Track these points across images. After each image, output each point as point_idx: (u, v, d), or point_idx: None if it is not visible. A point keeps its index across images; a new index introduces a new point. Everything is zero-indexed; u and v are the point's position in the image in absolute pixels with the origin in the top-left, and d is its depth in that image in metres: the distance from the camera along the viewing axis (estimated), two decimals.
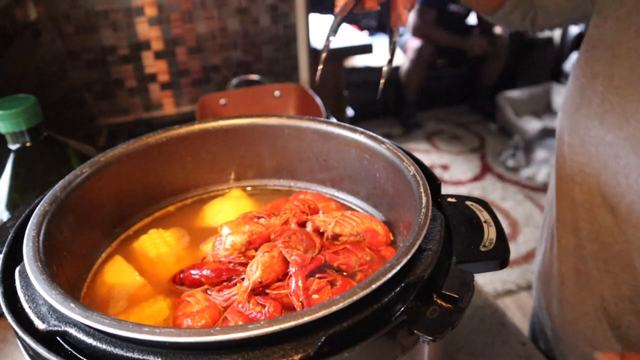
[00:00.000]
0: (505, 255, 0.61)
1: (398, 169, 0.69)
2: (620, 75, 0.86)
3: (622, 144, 0.85)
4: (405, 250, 0.52)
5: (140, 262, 0.73)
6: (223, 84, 1.92)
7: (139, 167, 0.79)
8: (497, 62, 4.51)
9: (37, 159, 0.94)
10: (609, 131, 0.87)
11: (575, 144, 0.95)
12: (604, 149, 0.88)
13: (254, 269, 0.62)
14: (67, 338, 0.51)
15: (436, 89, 4.79)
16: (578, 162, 0.95)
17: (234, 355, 0.46)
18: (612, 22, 0.89)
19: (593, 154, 0.91)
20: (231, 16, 1.84)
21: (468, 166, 4.01)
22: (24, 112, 0.89)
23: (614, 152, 0.87)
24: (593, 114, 0.90)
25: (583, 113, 0.92)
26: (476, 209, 0.67)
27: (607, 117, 0.87)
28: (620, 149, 0.86)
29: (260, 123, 0.83)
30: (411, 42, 4.36)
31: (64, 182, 0.68)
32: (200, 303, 0.61)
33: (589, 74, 0.92)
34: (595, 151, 0.90)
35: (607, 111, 0.87)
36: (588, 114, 0.91)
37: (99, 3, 1.70)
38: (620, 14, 0.87)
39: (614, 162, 0.87)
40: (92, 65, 1.77)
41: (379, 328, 0.49)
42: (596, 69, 0.91)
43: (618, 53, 0.87)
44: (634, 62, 0.84)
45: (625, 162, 0.85)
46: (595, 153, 0.90)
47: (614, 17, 0.88)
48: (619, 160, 0.86)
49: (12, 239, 0.62)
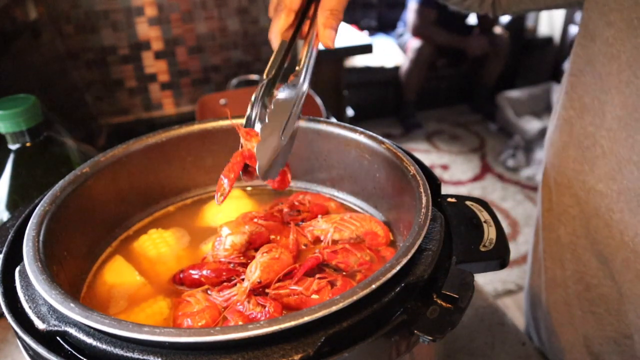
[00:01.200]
0: (505, 255, 0.61)
1: (398, 169, 0.69)
2: (612, 116, 0.76)
3: (616, 198, 0.77)
4: (405, 250, 0.52)
5: (140, 262, 0.73)
6: (223, 84, 1.92)
7: (139, 167, 0.79)
8: (497, 62, 4.51)
9: (37, 159, 0.94)
10: (601, 180, 0.79)
11: (563, 184, 0.88)
12: (594, 198, 0.81)
13: (253, 270, 0.63)
14: (67, 338, 0.51)
15: (436, 89, 4.79)
16: (564, 203, 0.88)
17: (234, 355, 0.46)
18: (600, 45, 0.78)
19: (582, 200, 0.84)
20: (231, 16, 1.84)
21: (468, 166, 4.01)
22: (24, 112, 0.89)
23: (606, 204, 0.79)
24: (582, 157, 0.82)
25: (572, 155, 0.85)
26: (476, 209, 0.67)
27: (598, 164, 0.79)
28: (613, 202, 0.78)
29: None
30: (411, 42, 4.36)
31: (64, 182, 0.68)
32: (201, 303, 0.61)
33: (577, 106, 0.83)
34: (585, 197, 0.83)
35: (598, 157, 0.79)
36: (577, 157, 0.83)
37: (99, 3, 1.70)
38: (609, 37, 0.76)
39: (607, 214, 0.80)
40: (92, 65, 1.78)
41: (379, 328, 0.49)
42: (585, 101, 0.81)
43: (608, 86, 0.77)
44: (625, 99, 0.74)
45: (620, 217, 0.78)
46: (585, 199, 0.83)
47: (603, 39, 0.77)
48: (612, 215, 0.79)
49: (12, 239, 0.62)
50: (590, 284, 0.87)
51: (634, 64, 0.72)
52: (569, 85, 0.86)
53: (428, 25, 4.24)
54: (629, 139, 0.74)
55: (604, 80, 0.77)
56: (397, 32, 4.72)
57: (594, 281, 0.86)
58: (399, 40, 4.61)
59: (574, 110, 0.84)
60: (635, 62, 0.72)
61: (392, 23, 4.86)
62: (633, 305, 0.80)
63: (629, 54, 0.73)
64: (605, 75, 0.77)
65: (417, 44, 4.31)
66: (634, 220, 0.75)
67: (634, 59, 0.72)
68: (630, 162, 0.74)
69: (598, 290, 0.86)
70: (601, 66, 0.78)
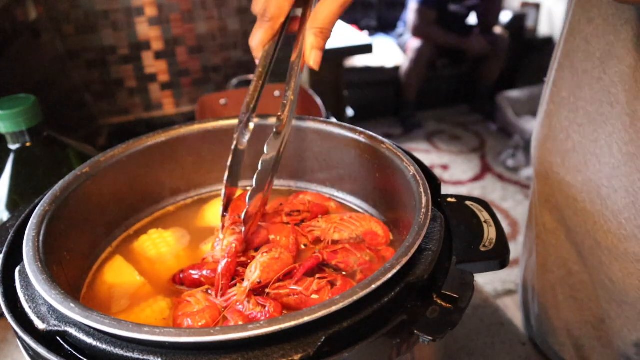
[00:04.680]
0: (505, 255, 0.61)
1: (398, 169, 0.69)
2: (584, 111, 0.79)
3: (580, 188, 0.81)
4: (405, 250, 0.52)
5: (140, 262, 0.73)
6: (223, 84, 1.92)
7: (139, 167, 0.79)
8: (497, 62, 4.51)
9: (37, 159, 0.94)
10: (569, 172, 0.83)
11: (542, 175, 0.91)
12: (563, 190, 0.85)
13: (253, 270, 0.63)
14: (67, 338, 0.51)
15: (436, 89, 4.79)
16: (545, 192, 0.92)
17: (234, 355, 0.46)
18: (579, 42, 0.79)
19: (557, 190, 0.87)
20: (231, 16, 1.84)
21: (468, 166, 4.01)
22: (24, 112, 0.89)
23: (573, 195, 0.83)
24: (556, 151, 0.85)
25: (549, 147, 0.88)
26: (476, 209, 0.67)
27: (568, 157, 0.83)
28: (578, 193, 0.81)
29: (260, 123, 0.83)
30: (411, 42, 4.36)
31: (64, 182, 0.68)
32: (201, 303, 0.61)
33: (556, 100, 0.86)
34: (559, 187, 0.87)
35: (569, 150, 0.82)
36: (552, 149, 0.87)
37: (99, 3, 1.70)
38: (587, 34, 0.77)
39: (574, 204, 0.83)
40: (92, 65, 1.77)
41: (379, 328, 0.49)
42: (563, 95, 0.84)
43: (582, 83, 0.78)
44: (595, 95, 0.76)
45: (583, 207, 0.81)
46: (559, 189, 0.87)
47: (582, 36, 0.78)
48: (577, 204, 0.82)
49: (12, 239, 0.62)
50: (572, 270, 0.90)
51: (605, 60, 0.74)
52: (552, 79, 0.88)
53: (428, 25, 4.24)
54: (594, 134, 0.76)
55: (580, 77, 0.79)
56: (397, 32, 4.72)
57: (575, 267, 0.89)
58: (399, 40, 4.61)
59: (554, 104, 0.86)
60: (607, 58, 0.73)
61: (392, 23, 4.86)
62: (602, 291, 0.83)
63: (602, 51, 0.74)
64: (582, 72, 0.79)
65: (417, 44, 4.31)
66: (593, 210, 0.79)
67: (606, 55, 0.74)
68: (593, 156, 0.77)
69: (578, 276, 0.89)
70: (579, 62, 0.79)
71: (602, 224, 0.78)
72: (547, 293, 0.97)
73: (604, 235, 0.78)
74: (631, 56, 0.69)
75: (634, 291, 0.76)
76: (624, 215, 0.74)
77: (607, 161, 0.75)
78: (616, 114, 0.73)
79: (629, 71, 0.70)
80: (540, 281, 0.99)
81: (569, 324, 0.92)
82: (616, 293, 0.80)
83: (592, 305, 0.88)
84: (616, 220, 0.76)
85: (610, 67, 0.73)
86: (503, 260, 0.60)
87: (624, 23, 0.70)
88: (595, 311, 0.87)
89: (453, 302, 0.51)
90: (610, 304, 0.82)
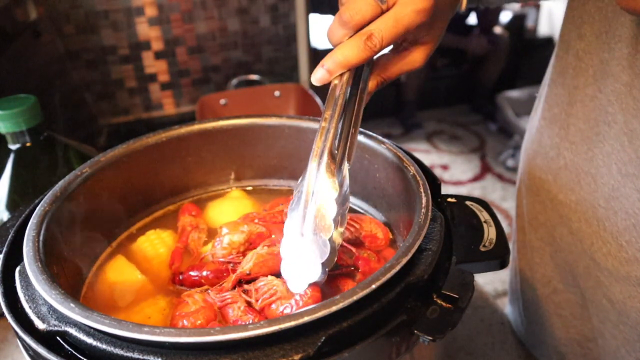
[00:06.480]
0: (505, 255, 0.61)
1: (398, 169, 0.69)
2: (576, 128, 0.77)
3: (574, 208, 0.79)
4: (405, 250, 0.52)
5: (139, 262, 0.73)
6: (223, 84, 1.92)
7: (139, 167, 0.79)
8: (497, 62, 4.50)
9: (37, 159, 0.94)
10: (561, 191, 0.81)
11: (532, 192, 0.89)
12: (557, 207, 0.83)
13: (248, 259, 0.63)
14: (67, 338, 0.51)
15: (436, 89, 4.79)
16: (535, 209, 0.89)
17: (234, 355, 0.46)
18: (572, 58, 0.77)
19: (548, 208, 0.85)
20: (231, 16, 1.84)
21: (468, 166, 4.01)
22: (24, 112, 0.89)
23: (566, 214, 0.81)
24: (547, 168, 0.83)
25: (539, 164, 0.86)
26: (476, 209, 0.67)
27: (560, 175, 0.81)
28: (572, 212, 0.79)
29: (260, 123, 0.83)
30: None
31: (64, 182, 0.68)
32: (197, 303, 0.61)
33: (547, 116, 0.84)
34: (550, 206, 0.84)
35: (561, 168, 0.80)
36: (543, 166, 0.85)
37: (99, 3, 1.70)
38: (579, 50, 0.75)
39: (567, 223, 0.81)
40: (92, 65, 1.78)
41: (379, 328, 0.49)
42: (554, 112, 0.82)
43: (574, 100, 0.77)
44: (588, 113, 0.74)
45: (578, 226, 0.79)
46: (551, 207, 0.84)
47: (574, 51, 0.77)
48: (572, 224, 0.80)
49: (12, 239, 0.62)
50: (557, 288, 0.88)
51: (599, 78, 0.72)
52: (544, 95, 0.86)
53: None
54: (589, 152, 0.75)
55: (571, 93, 0.78)
56: None
57: (560, 286, 0.87)
58: None
59: (545, 120, 0.85)
60: (601, 77, 0.72)
61: None
62: (596, 311, 0.81)
63: (595, 68, 0.73)
64: (573, 88, 0.77)
65: None
66: (589, 230, 0.77)
67: (600, 73, 0.72)
68: (588, 175, 0.75)
69: (564, 295, 0.87)
70: (570, 79, 0.78)
71: (600, 246, 0.76)
72: (531, 307, 0.96)
73: (604, 257, 0.75)
74: (626, 74, 0.68)
75: (635, 313, 0.73)
76: (625, 238, 0.72)
77: (606, 182, 0.73)
78: (614, 133, 0.71)
79: (625, 89, 0.68)
80: (524, 295, 0.97)
81: (555, 339, 0.91)
82: (613, 313, 0.77)
83: (576, 324, 0.86)
84: (616, 242, 0.73)
85: (606, 85, 0.71)
86: (503, 260, 0.61)
87: (618, 41, 0.68)
88: (581, 329, 0.86)
89: (453, 302, 0.51)
90: (605, 324, 0.80)
